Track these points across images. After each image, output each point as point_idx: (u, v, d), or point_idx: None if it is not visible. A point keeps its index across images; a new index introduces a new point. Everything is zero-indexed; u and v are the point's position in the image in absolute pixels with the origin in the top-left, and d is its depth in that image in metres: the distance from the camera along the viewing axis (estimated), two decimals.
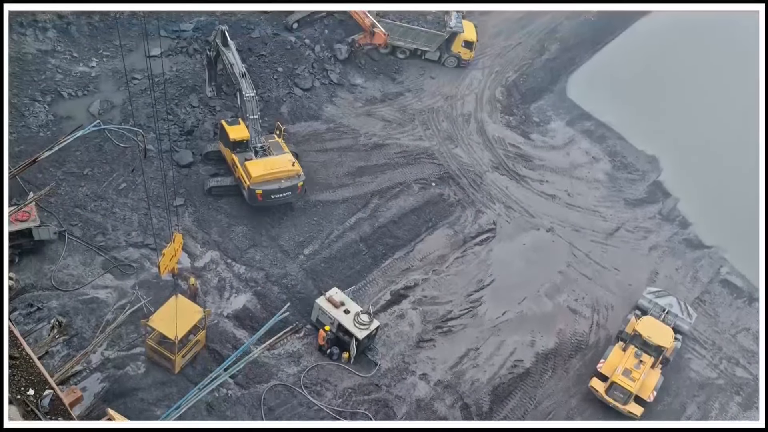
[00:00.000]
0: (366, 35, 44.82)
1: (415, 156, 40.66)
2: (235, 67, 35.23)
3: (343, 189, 37.61)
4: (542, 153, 43.85)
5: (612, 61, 53.17)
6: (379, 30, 44.29)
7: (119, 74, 38.90)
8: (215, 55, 37.58)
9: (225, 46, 36.20)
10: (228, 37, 36.38)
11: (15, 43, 38.26)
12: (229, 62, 35.98)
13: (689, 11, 54.07)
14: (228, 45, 36.15)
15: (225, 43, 36.24)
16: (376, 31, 44.35)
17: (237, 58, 35.77)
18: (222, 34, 36.31)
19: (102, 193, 33.93)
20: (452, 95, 45.47)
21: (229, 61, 35.89)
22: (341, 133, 40.80)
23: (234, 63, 35.49)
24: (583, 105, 48.12)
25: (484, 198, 39.61)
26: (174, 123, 37.84)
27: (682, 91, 50.00)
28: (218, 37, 36.58)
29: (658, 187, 43.30)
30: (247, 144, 34.90)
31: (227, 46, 36.15)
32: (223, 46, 36.25)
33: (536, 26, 52.28)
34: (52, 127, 36.07)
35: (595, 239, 39.04)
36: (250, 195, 34.02)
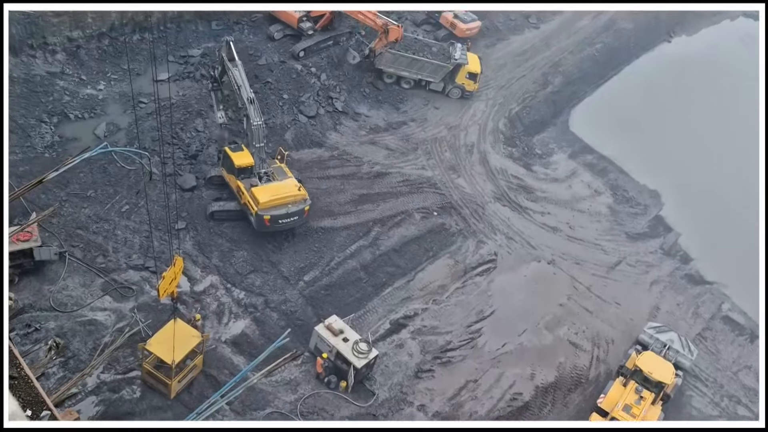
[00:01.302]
0: (381, 37, 45.01)
1: (418, 185, 40.79)
2: (243, 90, 34.33)
3: (344, 216, 37.65)
4: (544, 185, 43.98)
5: (614, 95, 53.70)
6: (392, 25, 44.36)
7: (126, 97, 39.24)
8: (221, 71, 36.27)
9: (231, 61, 34.84)
10: (234, 51, 35.03)
11: (24, 64, 38.69)
12: (235, 83, 34.69)
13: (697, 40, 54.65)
14: (234, 61, 34.77)
15: (231, 57, 34.86)
16: (390, 28, 44.32)
17: (245, 79, 34.76)
18: (228, 47, 35.02)
19: (104, 214, 33.99)
20: (455, 126, 45.78)
21: (236, 81, 34.61)
22: (344, 161, 40.99)
23: (241, 85, 34.45)
24: (586, 138, 48.46)
25: (486, 228, 39.62)
26: (178, 147, 38.06)
27: (684, 126, 50.34)
28: (223, 49, 35.40)
29: (659, 221, 43.34)
30: (252, 170, 35.01)
31: (233, 62, 34.77)
32: (229, 61, 34.90)
33: (539, 60, 52.83)
34: (57, 148, 36.28)
35: (597, 272, 38.95)
36: (258, 221, 33.91)
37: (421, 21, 52.24)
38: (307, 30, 45.75)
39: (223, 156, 35.97)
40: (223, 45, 36.05)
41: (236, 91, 35.18)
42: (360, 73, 46.39)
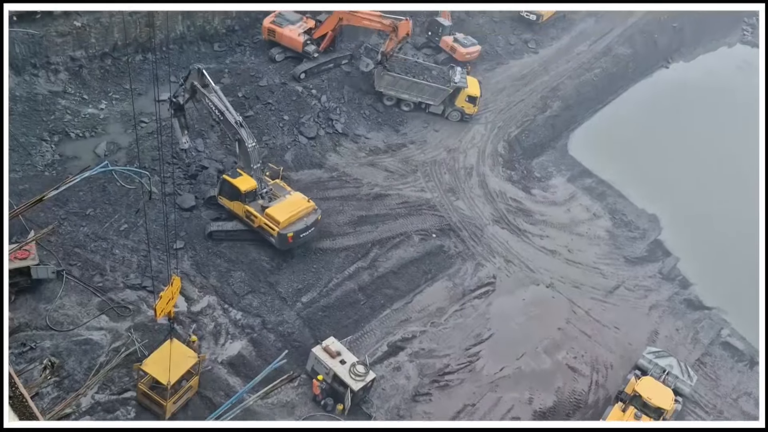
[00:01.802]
0: (391, 37, 45.32)
1: (417, 207, 40.83)
2: (228, 114, 33.23)
3: (343, 237, 37.62)
4: (543, 208, 44.05)
5: (613, 119, 54.07)
6: (400, 21, 44.61)
7: (127, 117, 39.45)
8: (187, 98, 34.74)
9: (205, 87, 33.48)
10: (208, 76, 33.52)
11: (27, 83, 38.92)
12: (216, 109, 33.30)
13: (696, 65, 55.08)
14: (209, 87, 33.31)
15: (205, 84, 33.41)
16: (399, 25, 44.45)
17: (227, 103, 33.57)
18: (199, 74, 33.32)
19: (103, 233, 33.95)
20: (455, 148, 45.97)
21: (218, 107, 33.21)
22: (344, 182, 41.08)
23: (224, 110, 33.15)
24: (585, 162, 48.67)
25: (485, 251, 39.58)
26: (178, 167, 38.15)
27: (682, 151, 50.61)
28: (193, 77, 33.52)
29: (658, 245, 43.36)
30: (256, 192, 35.04)
31: (208, 88, 33.34)
32: (203, 88, 33.48)
33: (538, 84, 53.24)
34: (57, 166, 36.36)
35: (595, 296, 38.85)
36: (281, 240, 34.08)
37: (421, 45, 52.74)
38: (313, 53, 46.12)
39: (222, 185, 35.28)
40: (192, 72, 33.88)
41: (217, 117, 33.98)
42: (360, 95, 46.71)
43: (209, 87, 33.47)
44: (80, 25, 40.44)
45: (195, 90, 33.96)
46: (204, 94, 33.56)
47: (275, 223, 34.00)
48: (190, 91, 34.29)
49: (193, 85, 33.75)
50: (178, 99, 35.01)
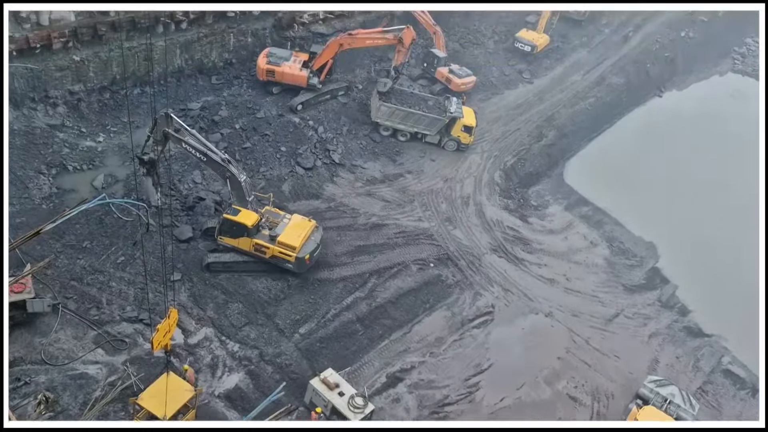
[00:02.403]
0: (398, 49, 46.24)
1: (414, 237, 40.83)
2: (213, 154, 32.24)
3: (341, 268, 37.52)
4: (540, 237, 44.08)
5: (608, 148, 54.49)
6: (403, 31, 45.57)
7: (125, 149, 39.64)
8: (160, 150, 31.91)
9: (178, 132, 31.65)
10: (177, 119, 31.64)
11: (25, 117, 39.17)
12: (198, 151, 32.03)
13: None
14: (182, 131, 31.63)
15: (177, 129, 31.56)
16: (402, 35, 45.45)
17: (207, 143, 32.55)
18: (167, 120, 31.15)
19: (100, 266, 33.82)
20: (451, 178, 46.16)
21: (199, 149, 31.91)
22: (341, 212, 41.13)
23: (206, 151, 32.06)
24: (581, 190, 48.86)
25: (483, 280, 39.48)
26: (176, 198, 38.21)
27: (677, 178, 50.91)
28: (164, 124, 31.11)
29: (656, 273, 43.30)
30: (259, 225, 34.98)
31: (181, 132, 31.60)
32: (176, 133, 31.55)
33: (533, 113, 53.73)
34: (54, 199, 36.39)
35: (594, 325, 38.65)
36: (299, 264, 34.80)
37: (417, 76, 53.33)
38: (317, 85, 46.53)
39: (222, 225, 34.78)
40: (160, 120, 31.40)
41: (200, 159, 32.89)
42: (357, 126, 47.08)
43: (182, 131, 31.90)
44: (79, 59, 40.89)
45: (167, 138, 31.71)
46: (179, 139, 31.81)
47: (291, 249, 34.47)
48: (162, 141, 31.75)
49: (165, 132, 31.45)
50: (149, 155, 32.46)
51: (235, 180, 33.48)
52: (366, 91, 49.75)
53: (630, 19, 66.46)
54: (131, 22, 42.18)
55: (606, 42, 63.46)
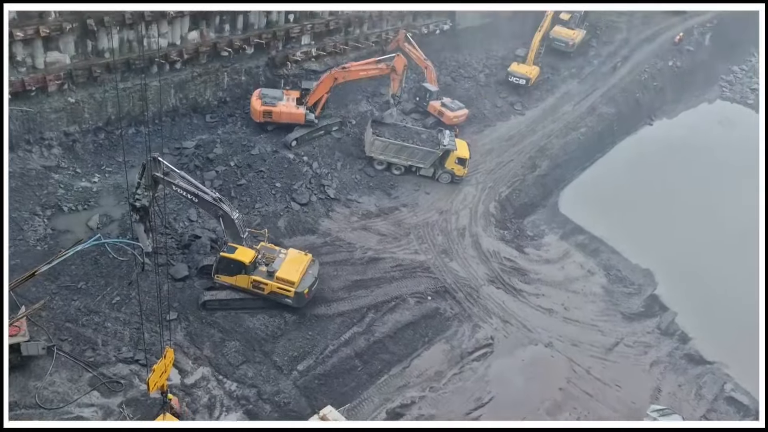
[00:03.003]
0: (393, 77, 47.38)
1: (411, 270, 40.71)
2: (204, 194, 32.53)
3: (338, 303, 37.31)
4: (537, 267, 44.02)
5: (601, 176, 54.81)
6: (394, 60, 46.83)
7: (120, 189, 39.68)
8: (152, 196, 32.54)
9: (167, 175, 31.97)
10: (166, 162, 31.88)
11: (20, 159, 39.27)
12: (189, 193, 32.35)
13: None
14: (171, 174, 31.92)
15: (166, 172, 31.82)
16: (394, 63, 46.88)
17: (197, 183, 32.89)
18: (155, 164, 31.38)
19: (95, 307, 33.56)
20: (447, 210, 46.26)
21: (190, 191, 32.22)
22: (337, 247, 41.06)
23: (198, 192, 32.31)
24: (576, 219, 48.98)
25: (481, 312, 39.28)
26: (171, 237, 38.14)
27: (671, 205, 51.11)
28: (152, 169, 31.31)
29: (654, 300, 43.17)
30: (256, 261, 34.93)
31: (170, 175, 31.93)
32: (165, 176, 31.84)
33: (526, 144, 54.14)
34: (49, 240, 36.27)
35: (595, 354, 38.37)
36: (299, 299, 34.69)
37: (409, 110, 53.85)
38: (314, 121, 46.96)
39: (219, 263, 34.66)
40: (148, 165, 31.81)
41: (192, 200, 33.33)
42: (351, 161, 47.34)
43: (171, 173, 32.23)
44: (74, 100, 41.23)
45: (157, 182, 32.29)
46: (169, 182, 32.26)
47: (290, 284, 34.38)
48: (152, 186, 32.39)
49: (154, 176, 31.96)
50: (141, 202, 32.97)
51: (228, 218, 33.53)
52: (359, 126, 50.17)
53: (618, 50, 67.57)
54: (126, 63, 42.68)
55: (595, 72, 64.36)
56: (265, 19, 49.17)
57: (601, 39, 68.85)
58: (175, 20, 44.04)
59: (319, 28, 52.00)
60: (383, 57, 48.34)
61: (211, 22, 46.26)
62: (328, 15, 52.74)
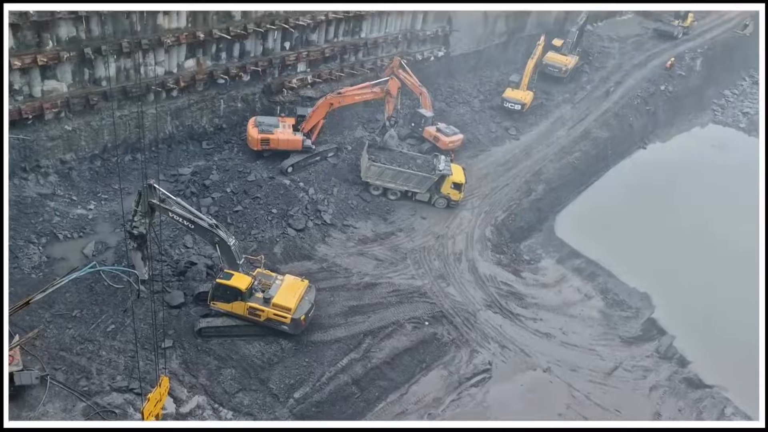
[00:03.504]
0: (387, 100, 47.93)
1: (408, 295, 40.57)
2: (200, 220, 32.48)
3: (335, 329, 37.07)
4: (534, 291, 43.92)
5: (596, 200, 55.07)
6: (389, 82, 47.46)
7: (116, 216, 39.62)
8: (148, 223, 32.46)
9: (163, 202, 31.90)
10: (161, 189, 31.77)
11: (16, 187, 39.24)
12: (184, 219, 32.26)
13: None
14: (167, 200, 31.80)
15: (162, 199, 31.81)
16: (388, 87, 47.59)
17: (193, 210, 32.89)
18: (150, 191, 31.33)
19: (89, 335, 33.26)
20: (443, 235, 46.28)
21: (185, 217, 32.17)
22: (334, 273, 40.93)
23: (193, 218, 32.25)
24: (572, 243, 49.04)
25: (479, 337, 39.06)
26: (167, 263, 37.99)
27: (666, 228, 51.26)
28: (148, 195, 31.36)
29: (652, 324, 43.06)
30: (252, 288, 34.81)
31: (166, 202, 31.85)
32: (161, 203, 31.83)
33: (521, 169, 54.41)
34: (44, 268, 36.08)
35: (594, 379, 38.12)
36: (295, 325, 34.48)
37: (405, 135, 54.13)
38: (311, 146, 47.22)
39: (215, 290, 34.50)
40: (143, 192, 31.71)
41: (188, 227, 33.25)
42: (347, 186, 47.44)
43: (167, 200, 32.15)
44: (71, 128, 41.34)
45: (153, 209, 32.26)
46: (165, 209, 32.18)
47: (287, 311, 34.21)
48: (149, 212, 32.34)
49: (150, 203, 31.99)
50: (138, 229, 32.83)
51: (225, 244, 33.46)
52: (355, 151, 50.40)
53: (610, 76, 68.35)
54: (123, 91, 42.91)
55: (588, 97, 65.01)
56: (261, 46, 49.65)
57: (593, 65, 69.79)
58: (172, 48, 44.40)
59: (314, 55, 52.53)
60: (377, 81, 48.85)
61: (207, 49, 46.67)
62: (324, 42, 53.32)
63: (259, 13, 47.87)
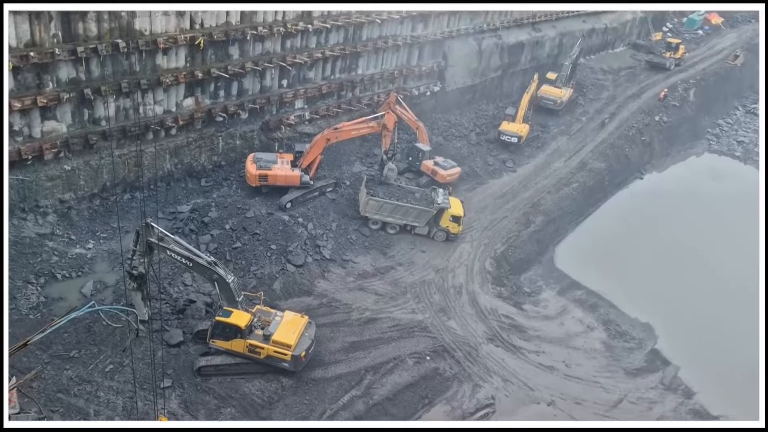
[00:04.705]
0: (384, 134, 48.32)
1: (409, 329, 40.24)
2: (198, 258, 32.46)
3: (335, 365, 36.68)
4: (536, 323, 43.62)
5: (595, 230, 55.10)
6: (385, 116, 47.76)
7: (114, 255, 39.52)
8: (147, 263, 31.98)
9: (161, 240, 31.78)
10: (159, 228, 31.72)
11: (15, 227, 39.19)
12: (183, 257, 32.18)
13: None
14: (165, 239, 31.83)
15: (161, 237, 31.71)
16: (385, 120, 47.95)
17: (191, 248, 32.87)
18: (148, 230, 31.26)
19: (87, 376, 32.87)
20: (443, 268, 46.14)
21: (184, 255, 32.10)
22: (334, 308, 40.68)
23: (192, 256, 32.23)
24: (572, 274, 48.90)
25: (481, 371, 38.64)
26: (166, 302, 37.76)
27: (666, 257, 51.21)
28: (146, 234, 31.24)
29: (656, 355, 42.68)
30: (252, 325, 34.56)
31: (165, 241, 31.83)
32: (160, 241, 31.71)
33: (519, 201, 54.56)
34: (42, 309, 35.85)
35: (598, 412, 37.59)
36: (296, 362, 34.24)
37: (403, 170, 54.42)
38: (309, 182, 47.39)
39: (215, 328, 34.23)
40: (141, 231, 31.51)
41: (186, 264, 33.04)
42: (346, 221, 47.47)
43: (165, 239, 32.07)
44: (70, 168, 41.50)
45: (152, 248, 31.97)
46: (164, 248, 32.01)
47: (287, 348, 33.94)
48: (147, 252, 31.95)
49: (149, 242, 31.66)
50: (138, 269, 32.20)
51: (223, 281, 33.31)
52: (354, 186, 50.57)
53: (605, 107, 69.09)
54: (122, 130, 43.23)
55: (584, 129, 65.60)
56: (259, 84, 50.23)
57: (587, 97, 70.65)
58: (171, 87, 44.89)
59: (311, 92, 53.11)
60: (374, 115, 49.36)
61: (206, 88, 47.19)
62: (321, 79, 53.97)
63: (256, 51, 48.57)
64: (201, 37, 44.32)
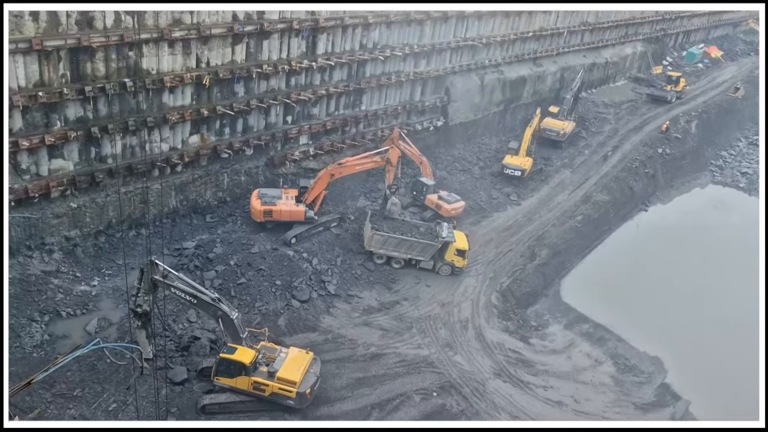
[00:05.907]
0: (388, 169, 48.42)
1: (415, 365, 39.82)
2: (202, 295, 32.36)
3: (341, 402, 36.23)
4: (543, 357, 43.13)
5: (601, 263, 54.89)
6: (389, 151, 47.98)
7: (119, 292, 39.46)
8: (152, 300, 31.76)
9: (165, 278, 31.59)
10: (163, 265, 31.44)
11: (20, 265, 39.25)
12: (187, 294, 32.06)
13: None
14: (170, 276, 31.67)
15: (165, 275, 31.54)
16: (389, 155, 48.08)
17: (195, 284, 32.84)
18: (152, 267, 31.07)
19: (90, 415, 32.51)
20: (448, 302, 45.86)
21: (188, 292, 31.98)
22: (339, 344, 40.35)
23: (195, 293, 32.10)
24: (579, 307, 48.56)
25: (489, 407, 38.07)
26: (170, 339, 37.55)
27: (673, 289, 50.86)
28: (150, 272, 31.08)
29: (666, 389, 42.07)
30: (256, 362, 34.34)
31: (169, 278, 31.62)
32: (164, 278, 31.50)
33: (524, 234, 54.48)
34: (46, 347, 35.66)
35: None
36: (301, 399, 33.84)
37: (407, 204, 54.56)
38: (314, 217, 47.50)
39: (219, 365, 33.99)
40: (146, 269, 31.37)
41: (190, 301, 32.83)
42: (351, 256, 47.41)
43: (170, 276, 31.94)
44: (76, 206, 41.74)
45: (156, 285, 31.80)
46: (168, 285, 31.90)
47: (292, 385, 33.61)
48: (152, 289, 31.80)
49: (153, 279, 31.50)
50: (142, 307, 31.90)
51: (227, 318, 33.17)
52: (358, 221, 50.65)
53: (607, 140, 69.47)
54: (128, 167, 43.59)
55: (587, 162, 65.85)
56: (264, 120, 50.78)
57: (590, 130, 71.10)
58: (177, 125, 45.42)
59: (316, 128, 53.63)
60: (378, 150, 49.70)
61: (211, 125, 47.71)
62: (325, 116, 54.53)
63: (261, 89, 49.22)
64: (207, 75, 45.02)
